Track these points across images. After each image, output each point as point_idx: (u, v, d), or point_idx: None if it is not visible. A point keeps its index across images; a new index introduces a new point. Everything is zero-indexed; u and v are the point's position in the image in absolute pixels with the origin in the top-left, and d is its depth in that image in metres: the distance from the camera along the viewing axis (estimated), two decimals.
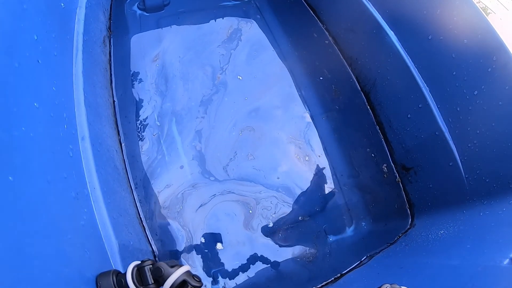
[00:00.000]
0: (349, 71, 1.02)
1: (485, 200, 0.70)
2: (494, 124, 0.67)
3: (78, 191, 0.53)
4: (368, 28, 0.87)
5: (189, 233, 0.83)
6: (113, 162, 0.76)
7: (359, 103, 1.00)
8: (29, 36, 0.48)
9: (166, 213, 0.84)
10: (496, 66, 0.64)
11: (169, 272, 0.41)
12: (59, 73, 0.58)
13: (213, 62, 1.00)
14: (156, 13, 1.03)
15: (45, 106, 0.48)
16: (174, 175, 0.88)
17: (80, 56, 0.67)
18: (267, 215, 0.87)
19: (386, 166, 0.95)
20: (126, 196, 0.77)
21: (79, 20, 0.71)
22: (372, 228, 0.89)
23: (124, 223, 0.67)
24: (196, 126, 0.93)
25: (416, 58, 0.80)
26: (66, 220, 0.45)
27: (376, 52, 0.90)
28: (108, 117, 0.83)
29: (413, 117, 0.84)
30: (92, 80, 0.74)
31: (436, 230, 0.75)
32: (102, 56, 0.87)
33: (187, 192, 0.87)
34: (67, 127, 0.56)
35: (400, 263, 0.72)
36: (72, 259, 0.43)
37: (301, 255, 0.85)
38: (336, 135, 0.97)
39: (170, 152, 0.90)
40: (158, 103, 0.94)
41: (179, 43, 1.01)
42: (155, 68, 0.97)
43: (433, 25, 0.75)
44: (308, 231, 0.87)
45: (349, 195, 0.92)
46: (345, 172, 0.94)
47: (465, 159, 0.74)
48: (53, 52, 0.56)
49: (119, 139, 0.87)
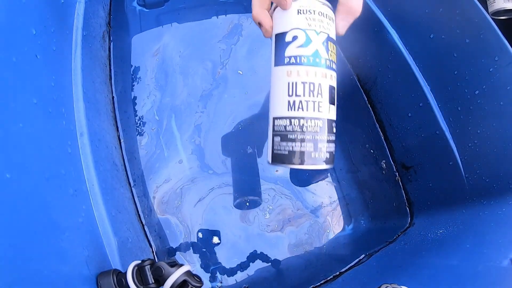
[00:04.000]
0: (349, 69, 1.02)
1: (485, 200, 0.70)
2: (494, 124, 0.67)
3: (77, 187, 0.53)
4: (370, 26, 0.86)
5: (188, 229, 0.83)
6: (112, 159, 0.75)
7: (359, 100, 1.00)
8: (28, 31, 0.48)
9: (165, 209, 0.84)
10: (498, 66, 0.64)
11: (170, 272, 0.41)
12: (58, 68, 0.57)
13: (213, 57, 0.99)
14: (156, 8, 1.02)
15: (43, 102, 0.48)
16: (173, 169, 0.88)
17: (79, 51, 0.66)
18: (264, 207, 0.87)
19: (385, 163, 0.95)
20: (124, 192, 0.77)
21: (79, 15, 0.70)
22: (371, 226, 0.89)
23: (123, 220, 0.67)
24: (196, 120, 0.93)
25: (417, 57, 0.80)
26: (64, 217, 0.45)
27: (377, 50, 0.89)
28: (107, 113, 0.82)
29: (414, 116, 0.84)
30: (91, 75, 0.73)
31: (435, 230, 0.75)
32: (102, 51, 0.86)
33: (186, 187, 0.86)
34: (66, 123, 0.56)
35: (399, 262, 0.72)
36: (70, 257, 0.43)
37: (299, 250, 0.85)
38: (335, 130, 0.96)
39: (169, 146, 0.89)
40: (157, 97, 0.93)
41: (179, 38, 1.00)
42: (155, 63, 0.97)
43: (435, 24, 0.74)
44: (306, 226, 0.87)
45: (347, 189, 0.92)
46: (344, 167, 0.94)
47: (465, 159, 0.74)
48: (52, 47, 0.55)
49: (118, 135, 0.87)
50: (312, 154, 0.41)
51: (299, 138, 0.40)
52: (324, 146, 0.42)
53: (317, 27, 0.41)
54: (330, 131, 0.44)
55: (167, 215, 0.84)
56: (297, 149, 0.41)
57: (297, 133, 0.40)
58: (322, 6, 0.43)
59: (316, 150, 0.41)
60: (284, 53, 0.42)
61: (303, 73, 0.41)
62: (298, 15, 0.42)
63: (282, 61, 0.42)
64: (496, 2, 0.79)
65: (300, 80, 0.41)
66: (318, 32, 0.42)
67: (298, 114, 0.41)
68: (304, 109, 0.41)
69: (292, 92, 0.41)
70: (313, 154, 0.41)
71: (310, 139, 0.41)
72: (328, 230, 0.88)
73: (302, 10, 0.41)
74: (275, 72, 0.43)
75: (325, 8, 0.43)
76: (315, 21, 0.42)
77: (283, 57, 0.42)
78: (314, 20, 0.42)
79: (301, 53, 0.41)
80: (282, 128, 0.41)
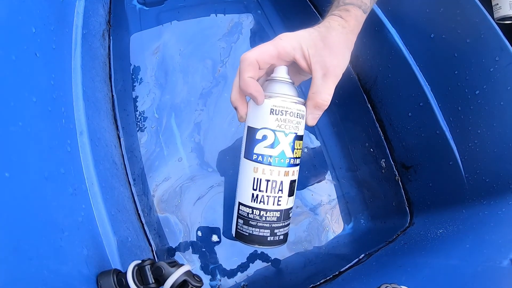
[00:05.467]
0: (349, 68, 1.02)
1: (485, 200, 0.70)
2: (495, 124, 0.67)
3: (76, 186, 0.52)
4: (370, 26, 0.86)
5: (187, 227, 0.83)
6: (112, 157, 0.75)
7: (359, 99, 1.00)
8: (27, 29, 0.47)
9: (164, 207, 0.84)
10: (499, 66, 0.64)
11: (170, 272, 0.41)
12: (58, 67, 0.57)
13: (213, 55, 0.99)
14: (156, 7, 1.02)
15: (43, 101, 0.48)
16: (172, 168, 0.87)
17: (79, 50, 0.66)
18: None
19: (385, 162, 0.95)
20: (124, 191, 0.77)
21: (78, 13, 0.70)
22: (370, 226, 0.89)
23: (123, 219, 0.67)
24: (195, 118, 0.92)
25: (418, 57, 0.80)
26: (63, 216, 0.45)
27: (378, 50, 0.89)
28: (107, 111, 0.82)
29: (414, 116, 0.84)
30: (91, 74, 0.73)
31: (435, 229, 0.75)
32: (101, 49, 0.86)
33: (186, 185, 0.86)
34: (65, 122, 0.56)
35: (399, 262, 0.72)
36: (69, 257, 0.43)
37: (298, 248, 0.85)
38: (335, 128, 0.96)
39: (169, 145, 0.89)
40: (157, 96, 0.93)
41: (179, 36, 1.00)
42: (155, 61, 0.96)
43: (435, 24, 0.74)
44: (306, 223, 0.87)
45: (347, 188, 0.92)
46: (343, 165, 0.94)
47: (465, 159, 0.74)
48: (52, 46, 0.55)
49: (118, 134, 0.86)
50: (269, 238, 0.47)
51: (259, 225, 0.46)
52: (280, 231, 0.47)
53: (287, 128, 0.45)
54: (286, 218, 0.48)
55: (167, 214, 0.83)
56: (256, 233, 0.46)
57: (257, 221, 0.46)
58: (294, 106, 0.46)
59: (272, 235, 0.47)
60: (253, 149, 0.46)
61: (268, 172, 0.45)
62: (270, 114, 0.45)
63: (250, 156, 0.46)
64: (502, 9, 0.79)
65: (264, 178, 0.45)
66: (287, 133, 0.45)
67: (260, 206, 0.46)
68: (265, 203, 0.46)
69: (256, 187, 0.46)
70: (269, 238, 0.47)
71: (268, 226, 0.46)
72: (328, 228, 0.88)
73: (274, 110, 0.45)
74: (243, 163, 0.48)
75: (298, 106, 0.46)
76: (286, 122, 0.45)
77: (252, 152, 0.46)
78: (285, 122, 0.45)
79: (268, 153, 0.45)
80: (245, 214, 0.47)
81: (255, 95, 0.44)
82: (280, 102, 0.45)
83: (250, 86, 0.44)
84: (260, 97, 0.44)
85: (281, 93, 0.46)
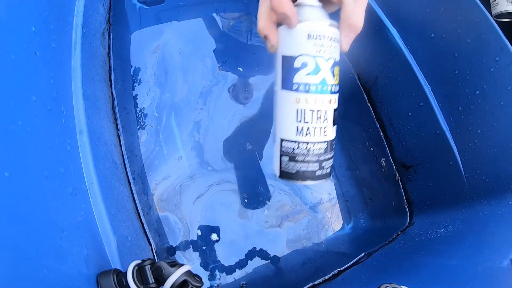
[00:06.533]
0: (350, 67, 1.02)
1: (485, 200, 0.70)
2: (495, 124, 0.67)
3: (76, 186, 0.52)
4: (370, 25, 0.86)
5: (187, 226, 0.83)
6: (111, 156, 0.75)
7: (359, 99, 1.00)
8: (27, 28, 0.47)
9: (164, 206, 0.84)
10: (499, 66, 0.64)
11: (170, 272, 0.41)
12: (57, 66, 0.57)
13: (213, 54, 0.99)
14: (156, 6, 1.02)
15: (42, 100, 0.48)
16: (172, 166, 0.87)
17: (79, 49, 0.66)
18: (263, 203, 0.87)
19: (385, 161, 0.95)
20: (124, 190, 0.77)
21: (78, 12, 0.69)
22: (370, 225, 0.89)
23: (122, 218, 0.67)
24: (195, 117, 0.92)
25: (418, 56, 0.80)
26: (63, 216, 0.45)
27: (378, 49, 0.89)
28: (107, 110, 0.82)
29: (414, 115, 0.84)
30: (91, 73, 0.73)
31: (435, 229, 0.75)
32: (101, 48, 0.85)
33: (185, 184, 0.86)
34: (65, 121, 0.56)
35: (399, 262, 0.72)
36: (69, 256, 0.43)
37: (298, 246, 0.85)
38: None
39: (168, 143, 0.89)
40: (157, 94, 0.93)
41: (179, 35, 1.00)
42: (155, 60, 0.96)
43: (436, 23, 0.74)
44: (305, 221, 0.87)
45: (346, 186, 0.92)
46: (343, 164, 0.94)
47: (465, 159, 0.74)
48: (51, 44, 0.55)
49: (118, 133, 0.86)
50: (317, 172, 0.44)
51: (306, 160, 0.44)
52: (327, 163, 0.46)
53: (326, 54, 0.42)
54: (331, 149, 0.47)
55: (166, 212, 0.83)
56: (303, 169, 0.44)
57: (305, 156, 0.43)
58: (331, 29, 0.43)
59: (320, 168, 0.44)
60: (292, 78, 0.43)
61: (312, 101, 0.42)
62: (308, 40, 0.42)
63: (290, 86, 0.43)
64: (499, 5, 0.79)
65: (309, 108, 0.42)
66: (327, 58, 0.42)
67: (306, 139, 0.43)
68: (311, 134, 0.43)
69: (301, 119, 0.43)
70: (317, 172, 0.44)
71: (316, 160, 0.44)
72: (327, 226, 0.88)
73: (312, 35, 0.42)
74: (282, 95, 0.44)
75: (333, 30, 0.43)
76: (325, 47, 0.42)
77: (291, 82, 0.43)
78: (324, 46, 0.42)
79: (310, 81, 0.42)
80: (290, 150, 0.44)
81: (289, 14, 0.41)
82: (317, 26, 0.42)
83: (284, 4, 0.41)
84: (294, 18, 0.41)
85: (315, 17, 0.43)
